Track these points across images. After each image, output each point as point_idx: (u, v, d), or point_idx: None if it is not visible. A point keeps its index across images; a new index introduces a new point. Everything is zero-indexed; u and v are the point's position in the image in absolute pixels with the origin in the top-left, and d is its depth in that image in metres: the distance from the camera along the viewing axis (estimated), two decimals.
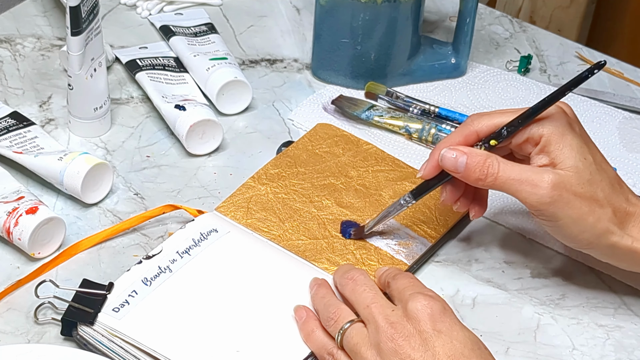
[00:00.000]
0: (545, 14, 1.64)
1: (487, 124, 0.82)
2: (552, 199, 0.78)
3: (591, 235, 0.80)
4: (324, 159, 0.96)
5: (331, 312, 0.77)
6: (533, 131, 0.81)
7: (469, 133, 0.82)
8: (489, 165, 0.80)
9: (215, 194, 0.94)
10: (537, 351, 0.82)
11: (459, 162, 0.80)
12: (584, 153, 0.80)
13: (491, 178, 0.80)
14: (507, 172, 0.79)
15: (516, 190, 0.79)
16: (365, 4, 1.01)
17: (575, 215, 0.79)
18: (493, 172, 0.80)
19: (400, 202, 0.86)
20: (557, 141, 0.80)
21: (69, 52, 0.94)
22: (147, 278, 0.82)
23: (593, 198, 0.79)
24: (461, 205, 0.85)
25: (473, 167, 0.80)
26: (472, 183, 0.81)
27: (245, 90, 1.02)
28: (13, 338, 0.80)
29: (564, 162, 0.79)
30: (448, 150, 0.81)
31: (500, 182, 0.80)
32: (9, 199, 0.87)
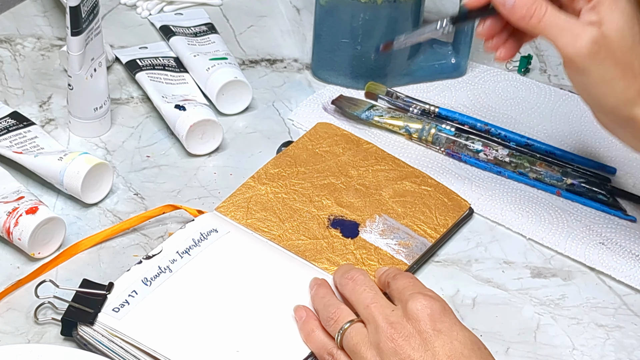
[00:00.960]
0: None
1: None
2: (589, 53, 0.79)
3: (616, 100, 0.80)
4: (324, 158, 0.96)
5: (331, 312, 0.77)
6: None
7: None
8: (537, 7, 0.80)
9: (215, 194, 0.94)
10: (537, 351, 0.82)
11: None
12: (633, 21, 0.79)
13: (535, 20, 0.80)
14: (553, 18, 0.80)
15: (555, 37, 0.80)
16: (365, 4, 1.01)
17: (607, 75, 0.79)
18: (539, 14, 0.80)
19: (436, 26, 0.86)
20: (610, 2, 0.79)
21: (69, 52, 0.94)
22: (147, 278, 0.82)
23: (629, 65, 0.79)
24: (494, 44, 0.85)
25: (521, 6, 0.80)
26: (515, 21, 0.81)
27: (245, 90, 1.02)
28: (13, 338, 0.80)
29: (611, 24, 0.79)
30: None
31: (543, 25, 0.80)
32: (9, 199, 0.87)
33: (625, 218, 0.94)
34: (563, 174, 0.96)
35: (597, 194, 0.95)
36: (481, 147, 0.98)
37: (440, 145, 1.00)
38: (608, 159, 1.00)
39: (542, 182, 0.96)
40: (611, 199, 0.95)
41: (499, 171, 0.98)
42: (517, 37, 0.86)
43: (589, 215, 0.94)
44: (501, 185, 0.97)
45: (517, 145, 1.00)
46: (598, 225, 0.93)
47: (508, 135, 1.01)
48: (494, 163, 0.98)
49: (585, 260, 0.90)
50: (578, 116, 1.05)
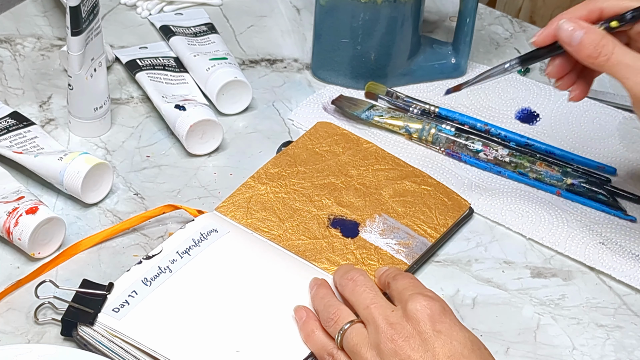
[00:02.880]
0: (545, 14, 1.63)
1: (613, 4, 0.81)
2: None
3: None
4: (324, 157, 0.96)
5: (331, 313, 0.77)
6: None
7: (593, 9, 0.81)
8: (604, 45, 0.79)
9: (215, 194, 0.94)
10: (537, 351, 0.82)
11: (574, 35, 0.79)
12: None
13: (603, 58, 0.79)
14: (621, 56, 0.78)
15: (624, 77, 0.79)
16: (365, 4, 1.01)
17: None
18: (607, 52, 0.79)
19: (505, 66, 0.86)
20: None
21: (69, 52, 0.94)
22: (147, 278, 0.82)
23: None
24: (564, 83, 0.85)
25: (588, 44, 0.79)
26: (583, 60, 0.80)
27: (245, 90, 1.02)
28: (13, 338, 0.80)
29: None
30: (566, 21, 0.80)
31: (611, 64, 0.79)
32: (9, 199, 0.87)
33: (625, 218, 0.94)
34: (563, 174, 0.96)
35: (597, 194, 0.95)
36: (481, 147, 0.98)
37: (440, 145, 1.00)
38: (608, 159, 1.00)
39: (542, 182, 0.96)
40: (611, 199, 0.95)
41: (499, 171, 0.98)
42: (588, 75, 0.85)
43: (589, 215, 0.94)
44: (501, 185, 0.97)
45: (517, 145, 1.00)
46: (598, 225, 0.93)
47: (508, 135, 1.01)
48: (494, 163, 0.98)
49: (585, 260, 0.90)
50: (578, 116, 1.05)
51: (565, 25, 0.80)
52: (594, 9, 0.82)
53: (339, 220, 0.90)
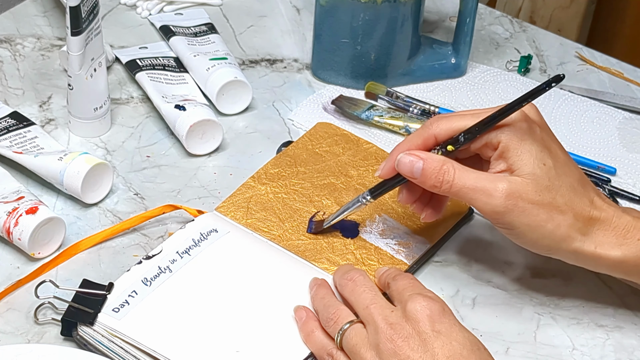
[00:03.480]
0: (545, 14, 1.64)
1: (445, 129, 0.81)
2: (507, 209, 0.77)
3: (551, 242, 0.79)
4: (324, 158, 0.96)
5: (331, 313, 0.77)
6: (491, 137, 0.79)
7: (427, 137, 0.81)
8: (445, 172, 0.79)
9: (215, 194, 0.94)
10: (537, 351, 0.82)
11: (415, 168, 0.80)
12: (544, 159, 0.78)
13: (446, 185, 0.79)
14: (462, 180, 0.78)
15: (471, 199, 0.79)
16: (365, 4, 1.01)
17: (532, 222, 0.78)
18: (448, 179, 0.79)
19: (359, 199, 0.86)
20: (515, 147, 0.78)
21: (69, 52, 0.94)
22: (147, 278, 0.82)
23: (552, 205, 0.78)
24: (417, 207, 0.85)
25: (429, 174, 0.79)
26: (429, 189, 0.80)
27: (245, 90, 1.02)
28: (13, 338, 0.80)
29: (521, 169, 0.78)
30: (404, 155, 0.80)
31: (455, 190, 0.79)
32: (9, 199, 0.87)
33: None
34: None
35: None
36: None
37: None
38: (608, 159, 1.00)
39: None
40: (611, 199, 0.95)
41: None
42: (439, 197, 0.85)
43: None
44: None
45: None
46: None
47: None
48: None
49: None
50: (578, 116, 1.05)
51: (404, 159, 0.80)
52: (428, 136, 0.81)
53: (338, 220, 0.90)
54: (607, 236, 0.79)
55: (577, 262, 0.81)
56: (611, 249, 0.79)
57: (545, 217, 0.78)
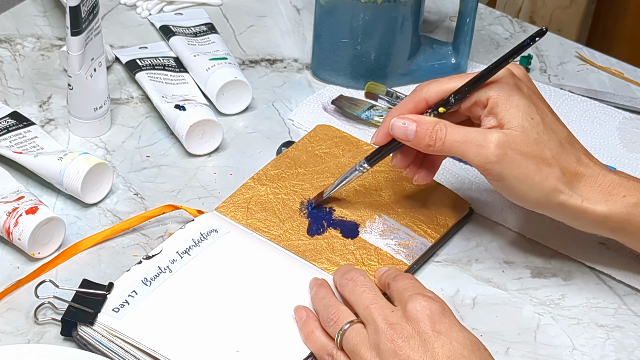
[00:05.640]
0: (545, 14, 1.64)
1: (435, 91, 0.84)
2: (498, 158, 0.80)
3: (539, 194, 0.81)
4: (323, 160, 0.96)
5: (331, 313, 0.77)
6: (480, 95, 0.82)
7: (418, 100, 0.84)
8: (437, 131, 0.81)
9: (215, 194, 0.94)
10: (537, 351, 0.82)
11: (408, 130, 0.82)
12: (531, 113, 0.81)
13: (439, 143, 0.81)
14: (454, 136, 0.81)
15: (463, 152, 0.81)
16: (365, 4, 1.01)
17: (521, 174, 0.80)
18: (441, 136, 0.81)
19: (355, 168, 0.88)
20: (504, 102, 0.81)
21: (69, 52, 0.94)
22: (147, 278, 0.82)
23: (540, 157, 0.80)
24: (410, 172, 0.87)
25: (422, 134, 0.82)
26: (423, 150, 0.83)
27: (245, 90, 1.02)
28: (13, 338, 0.80)
29: (510, 122, 0.81)
30: (397, 119, 0.83)
31: (448, 145, 0.81)
32: (9, 199, 0.87)
33: None
34: None
35: None
36: None
37: None
38: (608, 159, 1.00)
39: None
40: None
41: None
42: (430, 160, 0.88)
43: None
44: None
45: None
46: None
47: None
48: None
49: (585, 260, 0.90)
50: (578, 116, 1.05)
51: (397, 123, 0.83)
52: (419, 100, 0.84)
53: (338, 220, 0.90)
54: (593, 191, 0.82)
55: (564, 217, 0.83)
56: (597, 204, 0.81)
57: (533, 169, 0.80)
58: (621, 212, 0.82)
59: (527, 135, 0.80)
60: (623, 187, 0.82)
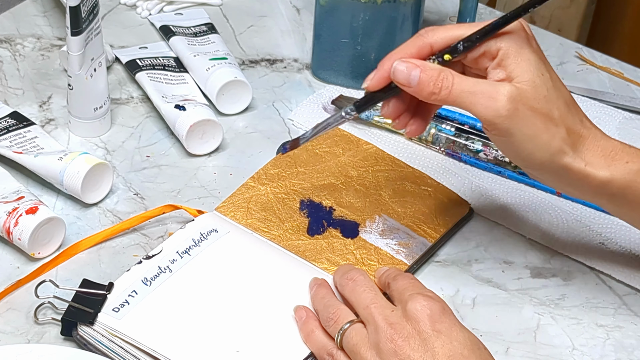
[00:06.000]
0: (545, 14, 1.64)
1: (442, 37, 0.79)
2: (509, 112, 0.76)
3: (544, 154, 0.77)
4: (323, 159, 0.96)
5: (331, 313, 0.77)
6: (490, 45, 0.78)
7: (422, 45, 0.79)
8: (443, 79, 0.76)
9: (215, 194, 0.94)
10: (537, 351, 0.82)
11: (412, 76, 0.77)
12: (541, 69, 0.77)
13: (445, 91, 0.76)
14: (462, 85, 0.76)
15: (471, 103, 0.76)
16: (365, 4, 1.01)
17: (529, 131, 0.76)
18: (447, 85, 0.76)
19: (342, 114, 0.81)
20: (515, 55, 0.77)
21: (69, 52, 0.94)
22: (147, 278, 0.82)
23: (548, 115, 0.77)
24: (400, 123, 0.81)
25: (427, 81, 0.76)
26: (425, 98, 0.77)
27: (245, 90, 1.02)
28: (13, 338, 0.80)
29: (521, 76, 0.76)
30: (400, 62, 0.77)
31: (454, 95, 0.76)
32: (9, 199, 0.87)
33: None
34: None
35: None
36: (481, 147, 0.98)
37: (440, 145, 1.00)
38: None
39: None
40: None
41: (499, 171, 0.98)
42: (424, 110, 0.82)
43: (589, 215, 0.94)
44: (501, 185, 0.97)
45: None
46: (598, 225, 0.93)
47: None
48: (494, 163, 0.98)
49: (585, 260, 0.90)
50: None
51: (400, 67, 0.77)
52: (423, 44, 0.79)
53: (338, 220, 0.90)
54: (596, 156, 0.78)
55: (564, 180, 0.80)
56: (600, 168, 0.78)
57: (542, 127, 0.77)
58: (623, 178, 0.78)
59: (538, 91, 0.76)
60: (625, 153, 0.79)
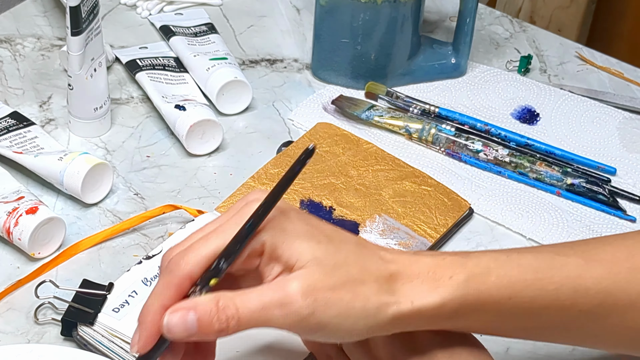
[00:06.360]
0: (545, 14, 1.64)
1: (196, 262, 0.65)
2: (310, 308, 0.64)
3: (367, 320, 0.65)
4: (324, 158, 0.96)
5: None
6: (253, 244, 0.65)
7: (179, 281, 0.65)
8: (225, 308, 0.63)
9: (215, 194, 0.94)
10: (537, 351, 0.82)
11: (188, 323, 0.63)
12: (315, 237, 0.66)
13: (234, 322, 0.63)
14: (249, 305, 0.63)
15: (268, 320, 0.63)
16: (365, 4, 1.01)
17: (340, 310, 0.64)
18: (232, 313, 0.63)
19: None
20: (283, 241, 0.65)
21: (69, 52, 0.94)
22: (147, 278, 0.82)
23: (349, 280, 0.65)
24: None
25: (208, 321, 0.63)
26: (214, 337, 0.65)
27: (245, 90, 1.02)
28: (13, 338, 0.80)
29: (300, 260, 0.65)
30: (170, 314, 0.64)
31: (245, 320, 0.63)
32: (9, 199, 0.87)
33: (625, 218, 0.94)
34: (563, 174, 0.96)
35: (597, 194, 0.95)
36: (481, 147, 0.98)
37: (440, 145, 1.00)
38: (608, 159, 1.00)
39: (542, 182, 0.97)
40: (611, 199, 0.95)
41: (499, 171, 0.98)
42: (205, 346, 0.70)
43: (589, 215, 0.94)
44: (501, 185, 0.97)
45: (517, 145, 1.00)
46: (598, 225, 0.93)
47: (508, 135, 1.01)
48: (494, 163, 0.98)
49: None
50: (578, 116, 1.05)
51: (173, 320, 0.63)
52: (180, 280, 0.65)
53: (338, 220, 0.90)
54: (416, 286, 0.67)
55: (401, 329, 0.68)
56: (428, 297, 0.66)
57: (350, 297, 0.65)
58: (454, 296, 0.67)
59: (325, 264, 0.65)
60: (443, 268, 0.67)
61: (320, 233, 0.66)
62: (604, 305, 0.68)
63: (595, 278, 0.68)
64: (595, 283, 0.68)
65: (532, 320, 0.69)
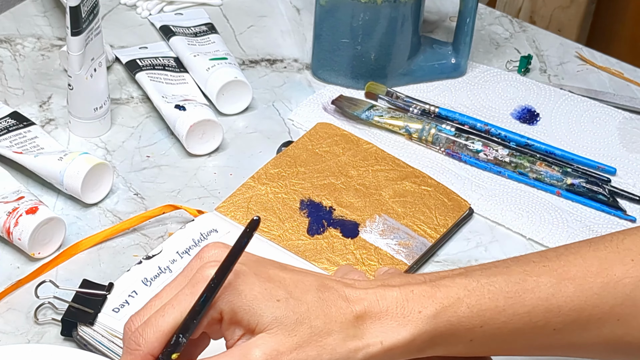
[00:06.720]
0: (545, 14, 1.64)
1: (155, 338, 0.63)
2: None
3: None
4: (324, 158, 0.96)
5: None
6: (210, 314, 0.64)
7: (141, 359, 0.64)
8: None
9: (215, 194, 0.94)
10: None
11: None
12: (273, 294, 0.64)
13: None
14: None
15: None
16: (365, 4, 1.01)
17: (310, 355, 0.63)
18: None
19: None
20: (240, 305, 0.63)
21: (69, 52, 0.94)
22: (147, 278, 0.82)
23: (313, 334, 0.64)
24: None
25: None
26: None
27: (245, 90, 1.02)
28: (13, 338, 0.80)
29: (260, 322, 0.63)
30: None
31: None
32: (9, 199, 0.87)
33: (625, 218, 0.94)
34: (563, 174, 0.96)
35: (597, 194, 0.95)
36: (481, 147, 0.98)
37: (440, 145, 1.00)
38: (608, 159, 1.00)
39: (542, 182, 0.97)
40: (611, 199, 0.95)
41: (499, 171, 0.98)
42: None
43: (589, 215, 0.94)
44: (501, 185, 0.97)
45: (517, 145, 1.00)
46: (598, 225, 0.93)
47: (508, 135, 1.01)
48: (494, 163, 0.98)
49: None
50: (578, 116, 1.05)
51: None
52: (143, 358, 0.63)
53: (338, 220, 0.90)
54: (385, 324, 0.65)
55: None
56: (397, 334, 0.65)
57: (316, 353, 0.63)
58: (424, 331, 0.66)
59: (286, 323, 0.63)
60: (412, 302, 0.66)
61: (278, 288, 0.64)
62: (579, 321, 0.68)
63: (567, 296, 0.67)
64: (567, 302, 0.67)
65: (506, 343, 0.68)
